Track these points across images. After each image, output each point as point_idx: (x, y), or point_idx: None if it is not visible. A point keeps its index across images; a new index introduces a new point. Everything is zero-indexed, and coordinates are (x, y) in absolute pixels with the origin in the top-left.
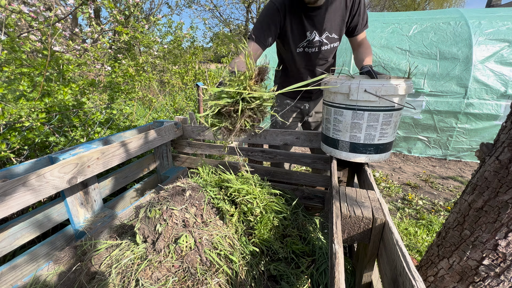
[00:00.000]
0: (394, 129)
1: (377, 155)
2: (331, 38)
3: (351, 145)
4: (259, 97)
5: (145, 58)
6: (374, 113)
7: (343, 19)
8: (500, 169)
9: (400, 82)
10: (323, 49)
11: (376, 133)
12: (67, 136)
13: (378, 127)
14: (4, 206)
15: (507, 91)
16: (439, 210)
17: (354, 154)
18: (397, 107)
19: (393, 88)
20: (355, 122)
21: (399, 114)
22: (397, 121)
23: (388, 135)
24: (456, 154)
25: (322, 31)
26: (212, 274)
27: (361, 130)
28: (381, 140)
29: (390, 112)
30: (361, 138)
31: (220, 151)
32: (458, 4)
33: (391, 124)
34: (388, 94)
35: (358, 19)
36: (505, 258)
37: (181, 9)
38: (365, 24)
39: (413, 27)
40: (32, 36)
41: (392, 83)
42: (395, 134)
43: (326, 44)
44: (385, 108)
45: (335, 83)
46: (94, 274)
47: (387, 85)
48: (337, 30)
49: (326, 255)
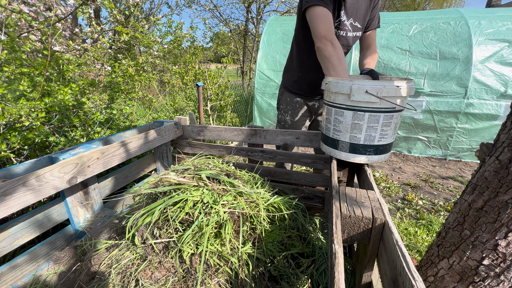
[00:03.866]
0: (394, 130)
1: (377, 156)
2: (354, 26)
3: (350, 146)
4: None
5: (145, 58)
6: (374, 114)
7: (368, 9)
8: (500, 169)
9: (402, 83)
10: (349, 35)
11: (376, 134)
12: (67, 136)
13: (378, 128)
14: (4, 206)
15: (507, 91)
16: (439, 210)
17: (354, 155)
18: (398, 109)
19: (394, 89)
20: (355, 123)
21: (399, 115)
22: (398, 123)
23: (388, 136)
24: (456, 154)
25: (350, 15)
26: (212, 274)
27: (361, 131)
28: (381, 141)
29: (391, 113)
30: (361, 139)
31: (220, 151)
32: (458, 4)
33: (391, 126)
34: (390, 96)
35: (375, 12)
36: (505, 258)
37: (181, 9)
38: (378, 22)
39: (413, 27)
40: (32, 36)
41: (393, 84)
42: (395, 136)
43: (350, 30)
44: (386, 109)
45: (336, 83)
46: (94, 274)
47: (388, 86)
48: (361, 19)
49: (326, 255)
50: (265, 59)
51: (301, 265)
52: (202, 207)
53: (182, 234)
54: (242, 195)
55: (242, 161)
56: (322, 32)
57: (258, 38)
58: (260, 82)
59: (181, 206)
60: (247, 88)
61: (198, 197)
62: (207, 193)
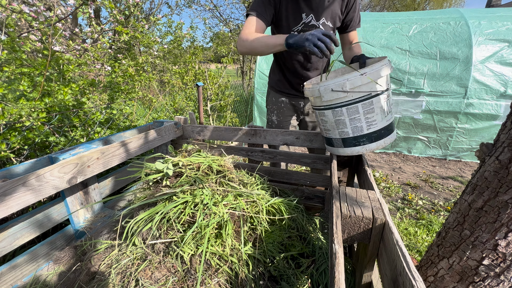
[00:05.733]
0: (383, 114)
1: (374, 143)
2: (327, 26)
3: (343, 141)
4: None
5: (145, 58)
6: (351, 106)
7: (340, 10)
8: (500, 169)
9: (366, 70)
10: None
11: (362, 124)
12: (67, 136)
13: (361, 118)
14: (4, 206)
15: (506, 91)
16: (439, 210)
17: (349, 148)
18: (375, 93)
19: (359, 79)
20: (337, 119)
21: (383, 98)
22: (384, 105)
23: (378, 122)
24: (456, 154)
25: (320, 15)
26: (212, 274)
27: (346, 125)
28: (370, 128)
29: (368, 100)
30: (349, 133)
31: (220, 151)
32: (458, 4)
33: (376, 111)
34: (356, 86)
35: (352, 15)
36: (505, 258)
37: (181, 9)
38: (358, 22)
39: (413, 27)
40: (32, 36)
41: (355, 75)
42: (388, 118)
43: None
44: (360, 98)
45: (308, 89)
46: (94, 274)
47: (352, 79)
48: (332, 19)
49: (326, 255)
50: (265, 59)
51: (301, 265)
52: (202, 208)
53: (182, 235)
54: (242, 195)
55: (242, 161)
56: (241, 34)
57: None
58: (260, 82)
59: (181, 208)
60: (247, 88)
61: (198, 199)
62: (207, 194)
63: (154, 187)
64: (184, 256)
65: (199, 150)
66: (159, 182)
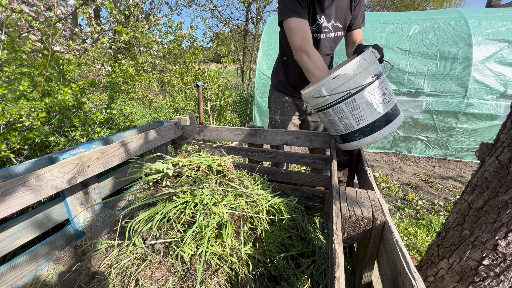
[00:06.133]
0: (370, 108)
1: (369, 137)
2: (335, 27)
3: (341, 137)
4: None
5: (145, 58)
6: (335, 107)
7: (349, 9)
8: (500, 169)
9: (339, 72)
10: (329, 36)
11: (351, 120)
12: (67, 136)
13: (348, 115)
14: (4, 206)
15: (506, 91)
16: (439, 210)
17: (348, 144)
18: (355, 91)
19: (333, 82)
20: (329, 119)
21: (367, 92)
22: (370, 99)
23: (367, 116)
24: (456, 154)
25: (330, 17)
26: (212, 274)
27: (337, 124)
28: (361, 124)
29: (350, 98)
30: (342, 130)
31: (220, 151)
32: (458, 4)
33: (362, 106)
34: (332, 88)
35: (357, 12)
36: (505, 258)
37: (181, 9)
38: (362, 21)
39: (413, 27)
40: (32, 36)
41: (329, 79)
42: (380, 109)
43: (331, 32)
44: (341, 99)
45: (303, 97)
46: (94, 274)
47: (326, 84)
48: (341, 19)
49: (326, 255)
50: (265, 59)
51: (301, 265)
52: (202, 208)
53: (182, 235)
54: (242, 195)
55: (242, 161)
56: (297, 44)
57: (258, 38)
58: (260, 82)
59: (181, 208)
60: (247, 88)
61: (198, 199)
62: (207, 194)
63: (154, 187)
64: (184, 256)
65: (199, 150)
66: (159, 182)
